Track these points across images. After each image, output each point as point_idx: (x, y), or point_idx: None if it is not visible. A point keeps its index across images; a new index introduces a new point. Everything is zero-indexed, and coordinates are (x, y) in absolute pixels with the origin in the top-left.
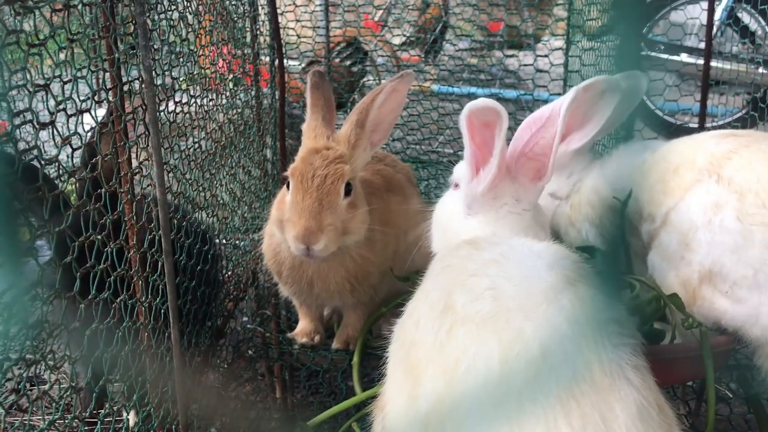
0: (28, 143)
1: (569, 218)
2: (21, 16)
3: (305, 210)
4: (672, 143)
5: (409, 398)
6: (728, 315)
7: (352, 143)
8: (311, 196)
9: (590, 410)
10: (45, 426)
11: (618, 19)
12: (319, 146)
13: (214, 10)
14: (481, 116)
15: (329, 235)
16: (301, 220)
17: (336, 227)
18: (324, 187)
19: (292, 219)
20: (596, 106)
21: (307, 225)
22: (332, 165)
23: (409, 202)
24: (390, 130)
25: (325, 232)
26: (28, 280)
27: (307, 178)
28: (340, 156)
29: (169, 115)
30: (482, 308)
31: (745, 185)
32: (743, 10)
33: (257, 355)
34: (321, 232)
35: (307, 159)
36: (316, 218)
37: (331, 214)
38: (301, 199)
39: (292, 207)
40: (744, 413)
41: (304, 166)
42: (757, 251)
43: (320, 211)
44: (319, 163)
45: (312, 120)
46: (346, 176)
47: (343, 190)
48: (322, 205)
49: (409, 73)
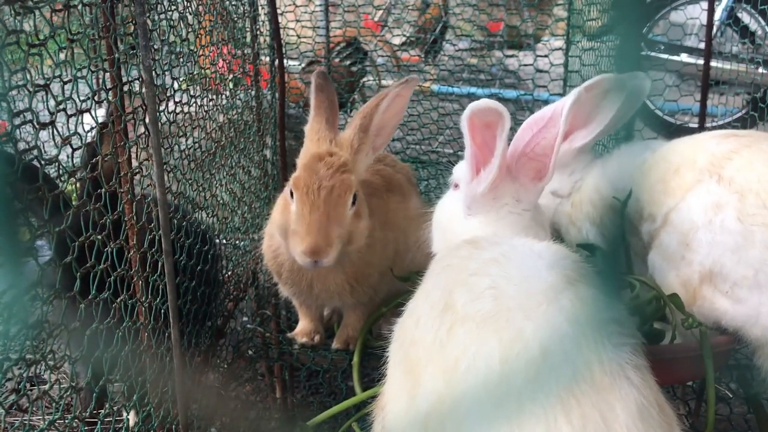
0: (28, 143)
1: (570, 217)
2: (21, 16)
3: (313, 225)
4: (673, 143)
5: (409, 398)
6: (728, 315)
7: (355, 148)
8: (318, 210)
9: (590, 409)
10: (45, 426)
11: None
12: (323, 152)
13: (214, 10)
14: (483, 117)
15: (338, 248)
16: (309, 236)
17: (343, 239)
18: (331, 200)
19: (299, 233)
20: (600, 105)
21: (316, 241)
22: (338, 175)
23: (408, 202)
24: (392, 134)
25: (334, 246)
26: (28, 280)
27: (312, 190)
28: (344, 164)
29: (170, 115)
30: (483, 307)
31: (745, 185)
32: (743, 10)
33: (257, 355)
34: (330, 246)
35: (311, 167)
36: (325, 233)
37: (338, 226)
38: (308, 213)
39: (298, 219)
40: (744, 413)
41: (309, 176)
42: (757, 251)
43: (328, 225)
44: (324, 172)
45: (315, 122)
46: (353, 188)
47: (350, 201)
48: (330, 218)
49: (412, 78)
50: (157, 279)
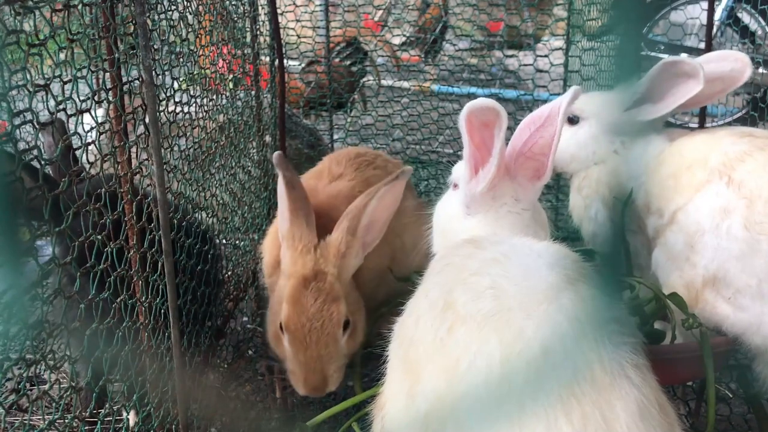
0: (28, 143)
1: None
2: (21, 16)
3: (307, 367)
4: (690, 137)
5: (409, 397)
6: (729, 321)
7: (342, 253)
8: (311, 354)
9: (591, 409)
10: (45, 426)
11: (618, 19)
12: (308, 274)
13: (214, 10)
14: (481, 116)
15: (335, 376)
16: (306, 381)
17: (340, 366)
18: (322, 340)
19: (296, 373)
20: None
21: (313, 384)
22: (326, 307)
23: (402, 205)
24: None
25: (330, 381)
26: (28, 280)
27: (303, 333)
28: (331, 290)
29: (170, 115)
30: (483, 307)
31: (755, 191)
32: (743, 10)
33: (257, 355)
34: (326, 383)
35: (298, 301)
36: (319, 374)
37: (334, 361)
38: (303, 357)
39: (292, 360)
40: (744, 413)
41: (297, 316)
42: (762, 261)
43: (322, 365)
44: (312, 307)
45: (295, 227)
46: (342, 318)
47: (341, 333)
48: (323, 359)
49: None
50: (157, 279)
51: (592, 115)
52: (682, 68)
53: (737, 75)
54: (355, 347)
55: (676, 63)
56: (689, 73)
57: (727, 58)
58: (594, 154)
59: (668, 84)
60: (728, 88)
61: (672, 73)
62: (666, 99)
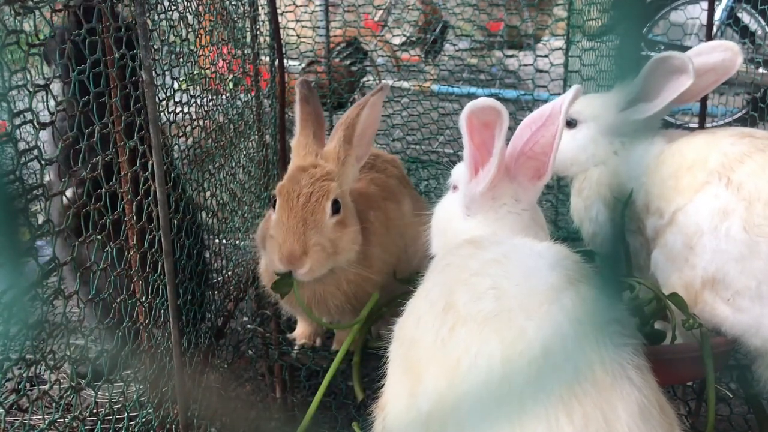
0: (28, 143)
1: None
2: (21, 16)
3: (289, 230)
4: (690, 137)
5: (410, 397)
6: (728, 322)
7: (341, 159)
8: (296, 216)
9: (592, 409)
10: (45, 426)
11: (618, 19)
12: (307, 164)
13: (214, 10)
14: (482, 116)
15: (315, 256)
16: (285, 243)
17: (323, 247)
18: (309, 206)
19: (277, 238)
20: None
21: (291, 248)
22: (318, 182)
23: (402, 206)
24: (371, 144)
25: (310, 254)
26: (28, 280)
27: (292, 197)
28: (327, 173)
29: (170, 115)
30: (484, 307)
31: (754, 193)
32: (743, 10)
33: (257, 355)
34: (305, 254)
35: (294, 177)
36: (300, 239)
37: (316, 233)
38: (286, 219)
39: (276, 226)
40: (744, 413)
41: (291, 185)
42: (761, 263)
43: (304, 231)
44: (306, 181)
45: (302, 136)
46: (332, 193)
47: (329, 207)
48: (307, 224)
49: (385, 86)
50: (156, 279)
51: (589, 117)
52: (672, 63)
53: (729, 65)
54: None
55: (665, 59)
56: (680, 68)
57: (717, 48)
58: (593, 157)
59: (661, 81)
60: (721, 78)
61: (663, 69)
62: (659, 96)
